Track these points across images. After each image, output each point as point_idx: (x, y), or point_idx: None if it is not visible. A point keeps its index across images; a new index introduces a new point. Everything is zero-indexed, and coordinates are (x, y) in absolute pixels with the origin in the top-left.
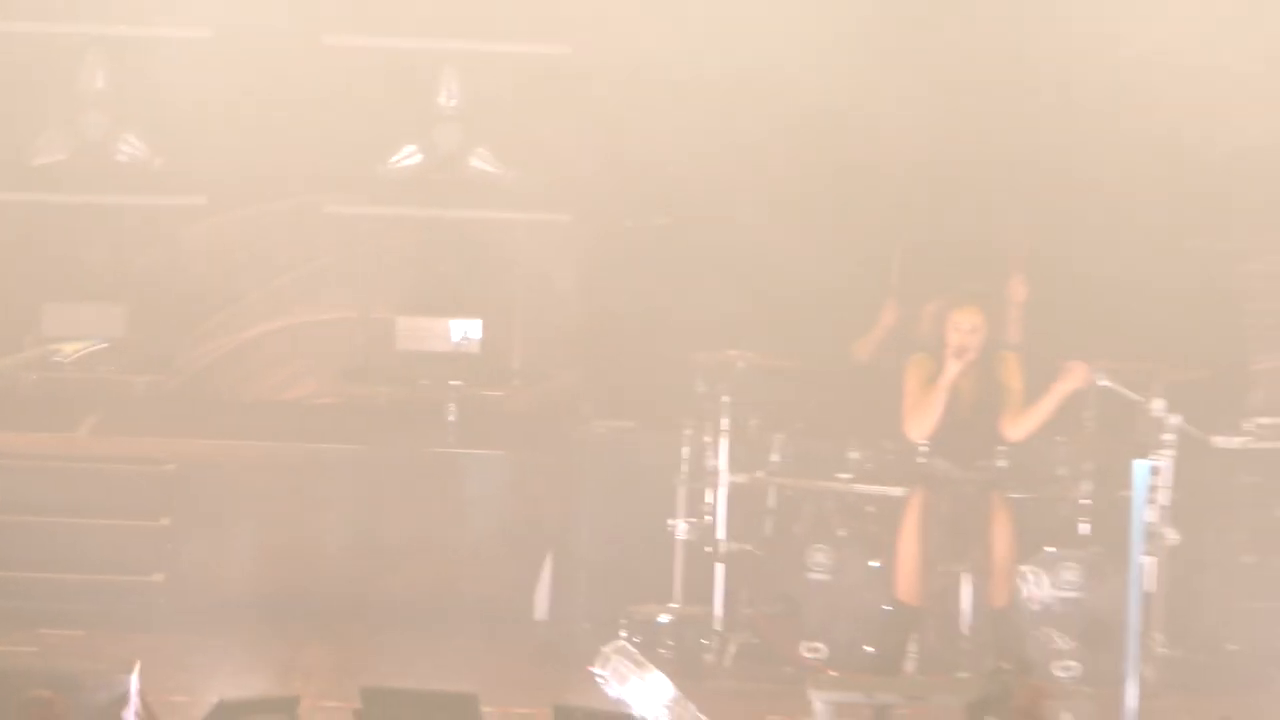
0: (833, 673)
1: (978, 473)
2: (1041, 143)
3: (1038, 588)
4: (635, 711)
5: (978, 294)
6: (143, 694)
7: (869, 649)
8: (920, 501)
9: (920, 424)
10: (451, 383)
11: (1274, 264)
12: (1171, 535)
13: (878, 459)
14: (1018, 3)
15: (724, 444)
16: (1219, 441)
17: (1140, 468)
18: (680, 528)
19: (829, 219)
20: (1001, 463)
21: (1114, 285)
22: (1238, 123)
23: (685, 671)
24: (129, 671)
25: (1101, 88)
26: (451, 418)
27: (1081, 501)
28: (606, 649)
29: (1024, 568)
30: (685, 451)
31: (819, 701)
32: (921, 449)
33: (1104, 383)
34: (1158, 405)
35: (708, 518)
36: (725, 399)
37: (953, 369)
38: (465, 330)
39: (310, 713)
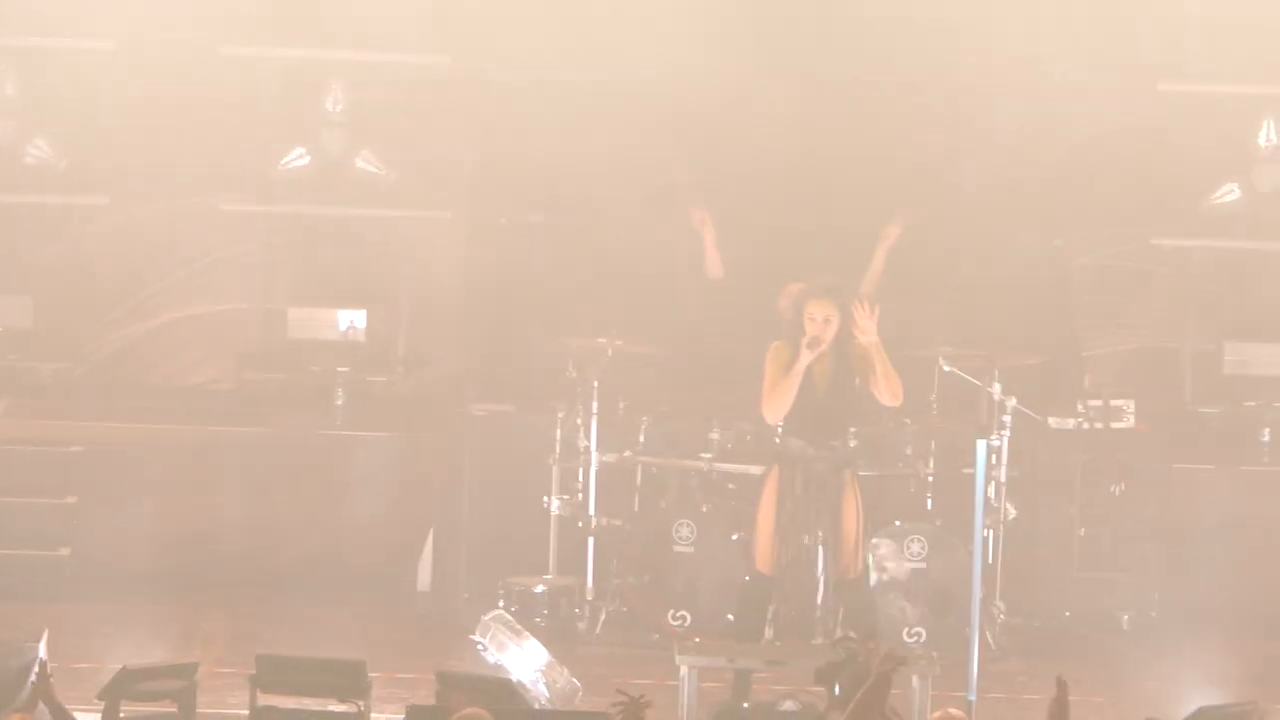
0: (696, 639)
1: (830, 452)
2: (893, 141)
3: (887, 559)
4: (513, 676)
5: (832, 287)
6: (43, 662)
7: (730, 617)
8: (777, 479)
9: (775, 408)
10: (339, 369)
11: (1102, 258)
12: (1010, 510)
13: (738, 440)
14: (873, 6)
15: (594, 425)
16: (1053, 423)
17: (981, 447)
18: (554, 504)
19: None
20: (853, 443)
21: (956, 277)
22: (1070, 123)
23: (559, 638)
24: (38, 640)
25: (947, 89)
26: (339, 402)
27: (927, 478)
28: (486, 618)
29: (874, 540)
30: (558, 433)
31: (684, 666)
32: (778, 430)
33: (947, 368)
34: (996, 389)
35: (580, 495)
36: (595, 383)
37: (804, 358)
38: (352, 320)
39: (208, 678)
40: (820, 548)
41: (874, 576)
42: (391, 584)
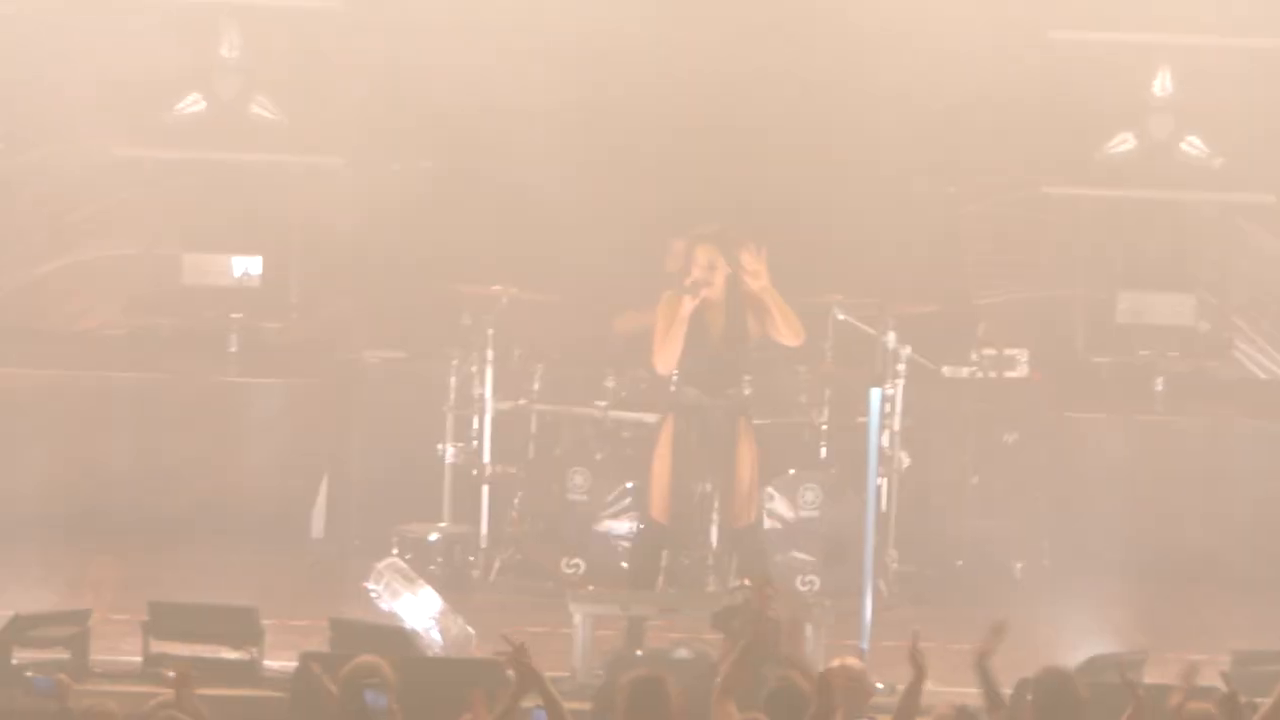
0: (590, 587)
1: (725, 400)
2: (786, 92)
3: (781, 507)
4: (406, 623)
5: (717, 233)
6: None
7: (624, 564)
8: (671, 427)
9: (664, 357)
10: (233, 315)
11: (994, 207)
12: (904, 458)
13: (632, 387)
14: None
15: (489, 373)
16: (947, 371)
17: (875, 395)
18: (448, 452)
19: (597, 165)
20: (747, 391)
21: (848, 226)
22: (962, 71)
23: (453, 586)
24: None
25: (838, 41)
26: (233, 348)
27: (821, 427)
28: (379, 565)
29: (768, 489)
30: (453, 380)
31: (578, 614)
32: (673, 378)
33: (841, 316)
34: (890, 338)
35: (474, 442)
36: (490, 330)
37: (688, 304)
38: (246, 266)
39: (100, 625)
40: (714, 496)
41: (768, 524)
42: (284, 531)
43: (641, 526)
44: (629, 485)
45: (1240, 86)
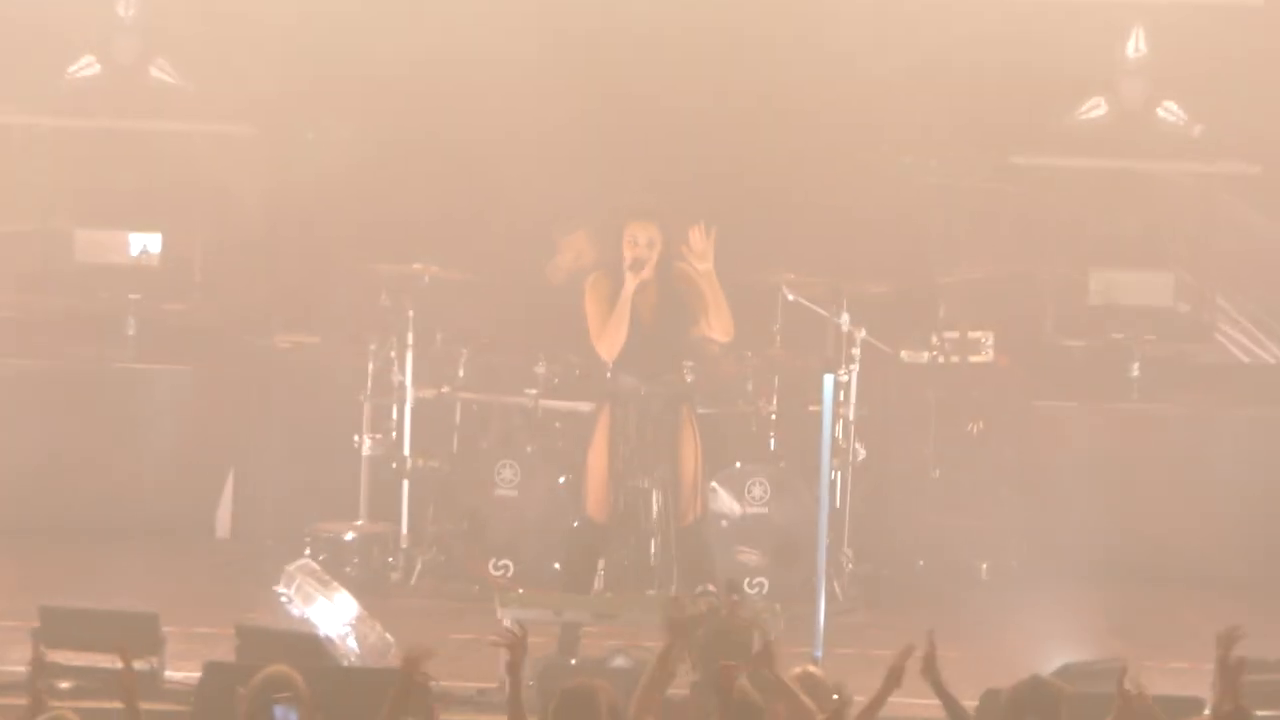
0: (520, 590)
1: (664, 387)
2: (727, 54)
3: (726, 504)
4: (320, 630)
5: (651, 208)
6: None
7: (557, 566)
8: (608, 418)
9: (608, 342)
10: (131, 296)
11: (956, 178)
12: (859, 451)
13: (565, 374)
14: None
15: (409, 358)
16: (906, 356)
17: (828, 382)
18: (365, 444)
19: (529, 137)
20: (689, 377)
21: (795, 202)
22: (920, 31)
23: (371, 590)
24: None
25: (788, 2)
26: (131, 332)
27: (770, 416)
28: (291, 567)
29: (712, 484)
30: (370, 366)
31: (506, 619)
32: (608, 365)
33: (791, 297)
34: (844, 320)
35: (393, 434)
36: (410, 313)
37: (629, 283)
38: (145, 243)
39: None
40: (655, 491)
41: (712, 522)
42: (188, 530)
43: (576, 525)
44: (561, 480)
45: (1220, 47)
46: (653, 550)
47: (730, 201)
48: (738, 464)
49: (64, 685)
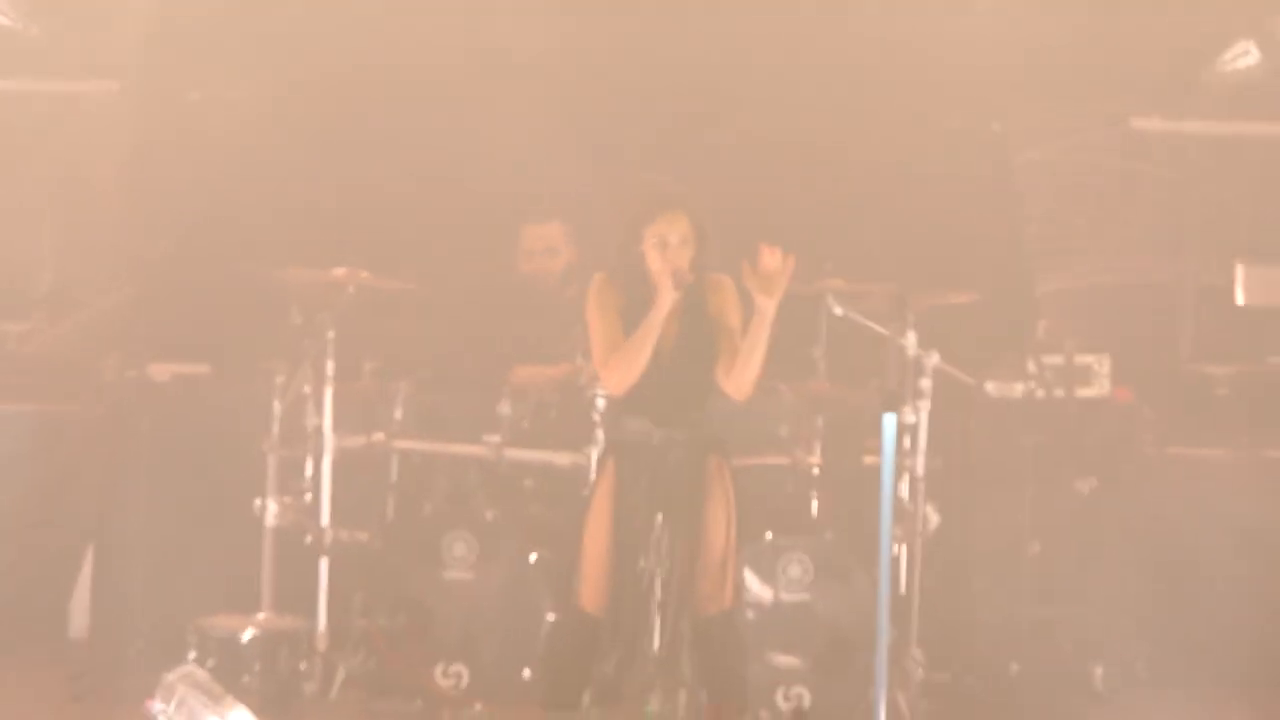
0: (479, 705)
1: (688, 433)
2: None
3: (754, 587)
4: None
5: (680, 195)
6: None
7: (528, 673)
8: (613, 474)
9: (623, 374)
10: None
11: (1061, 151)
12: (931, 516)
13: (537, 415)
14: None
15: (329, 395)
16: (993, 389)
17: (889, 424)
18: (270, 510)
19: (493, 100)
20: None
21: (845, 184)
22: None
23: (278, 705)
24: None
25: None
26: None
27: (812, 471)
28: (170, 677)
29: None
30: (276, 406)
31: None
32: (597, 402)
33: (839, 311)
34: (910, 341)
35: (307, 496)
36: (330, 334)
37: (665, 298)
38: None
39: None
40: (671, 571)
41: (741, 612)
42: (31, 629)
43: (559, 620)
44: (533, 557)
45: None
46: (654, 648)
47: (757, 183)
48: (769, 535)
49: None
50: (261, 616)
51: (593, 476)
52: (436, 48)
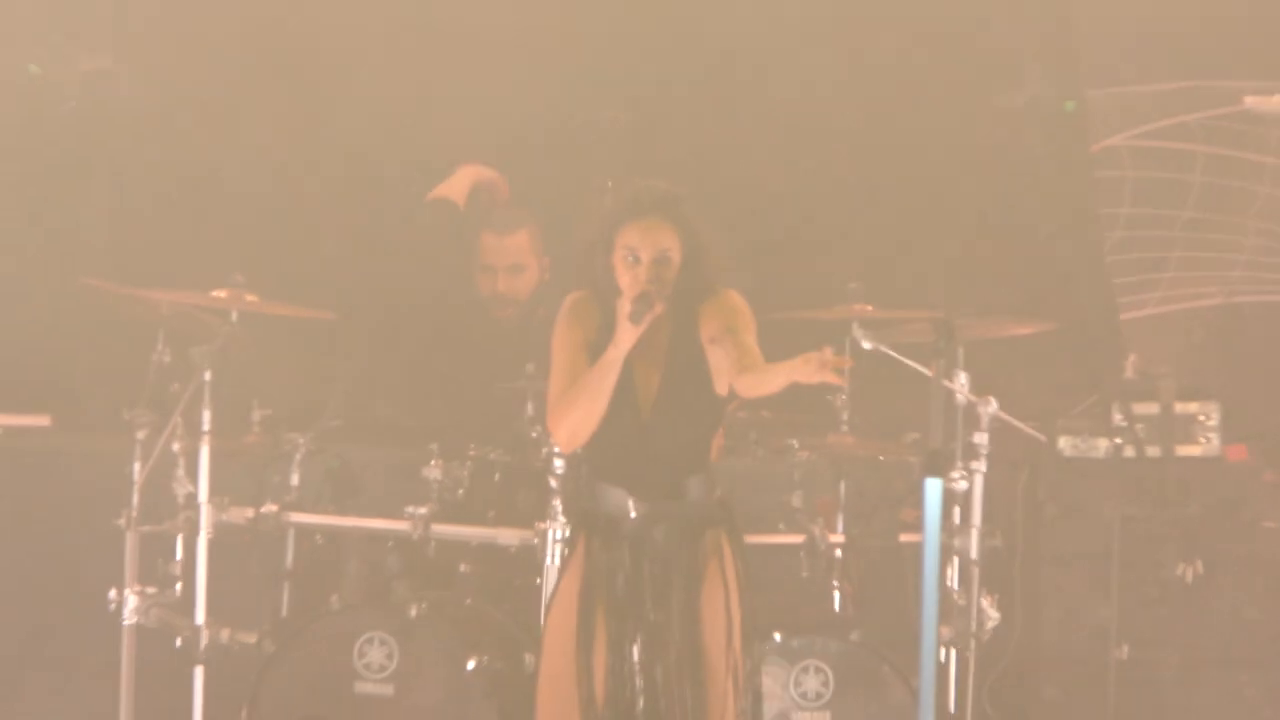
0: None
1: (680, 506)
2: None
3: (763, 701)
4: None
5: (664, 196)
6: None
7: None
8: (582, 558)
9: (573, 425)
10: None
11: (1151, 137)
12: (989, 612)
13: (476, 479)
14: None
15: (204, 456)
16: (1067, 446)
17: (932, 491)
18: (130, 604)
19: (435, 71)
20: (711, 489)
21: (873, 181)
22: None
23: None
24: None
25: None
26: None
27: (833, 553)
28: None
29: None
30: (137, 469)
31: None
32: (555, 464)
33: (868, 345)
34: (960, 383)
35: (177, 587)
36: (207, 375)
37: (625, 333)
38: None
39: None
40: (661, 680)
41: None
42: None
43: None
44: (471, 664)
45: None
46: None
47: (763, 180)
48: (777, 636)
49: None
50: None
51: (549, 561)
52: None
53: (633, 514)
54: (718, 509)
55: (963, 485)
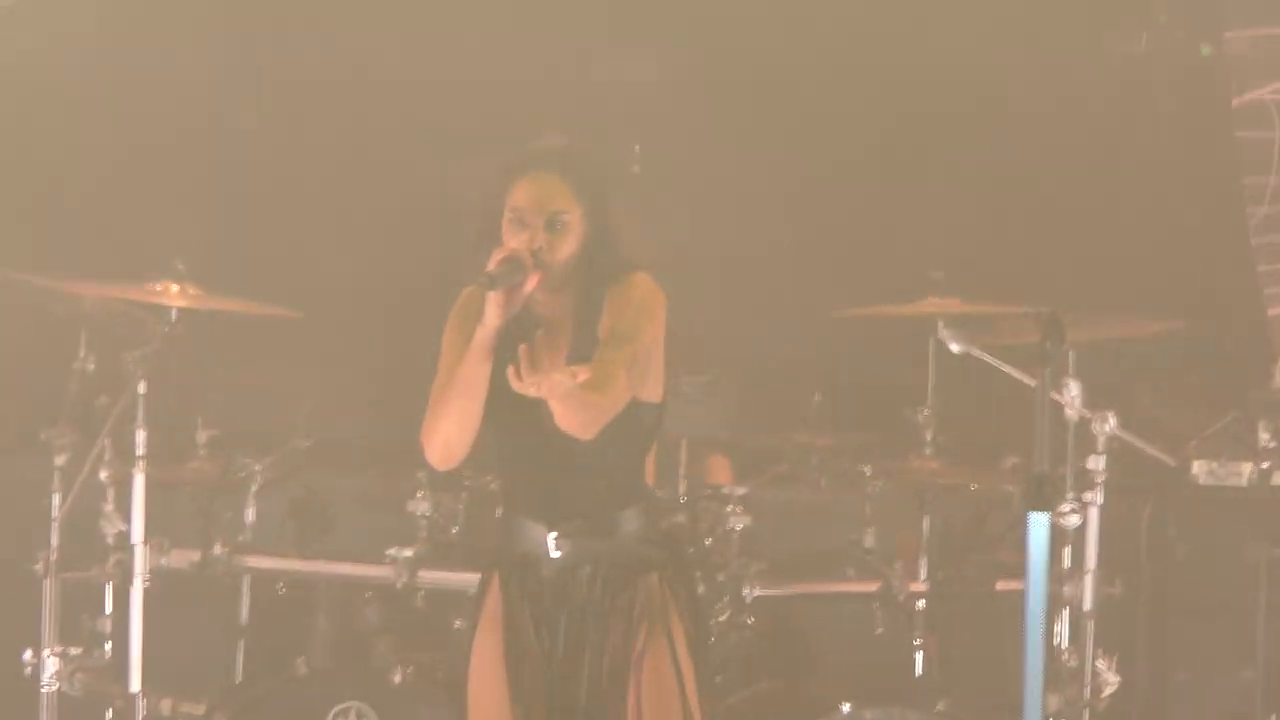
0: None
1: (608, 545)
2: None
3: None
4: None
5: (559, 153)
6: None
7: None
8: (499, 608)
9: (444, 431)
10: None
11: None
12: (1107, 676)
13: (478, 509)
14: None
15: (139, 485)
16: (1203, 472)
17: (1037, 529)
18: (49, 668)
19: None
20: (679, 516)
21: (964, 149)
22: None
23: None
24: None
25: None
26: None
27: (914, 605)
28: None
29: None
30: (56, 500)
31: None
32: (463, 490)
33: (956, 347)
34: (1070, 395)
35: (106, 646)
36: (141, 387)
37: (490, 316)
38: None
39: None
40: None
41: None
42: None
43: None
44: None
45: None
46: None
47: (829, 153)
48: (845, 708)
49: None
50: None
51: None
52: None
53: (554, 554)
54: (656, 548)
55: (1074, 520)
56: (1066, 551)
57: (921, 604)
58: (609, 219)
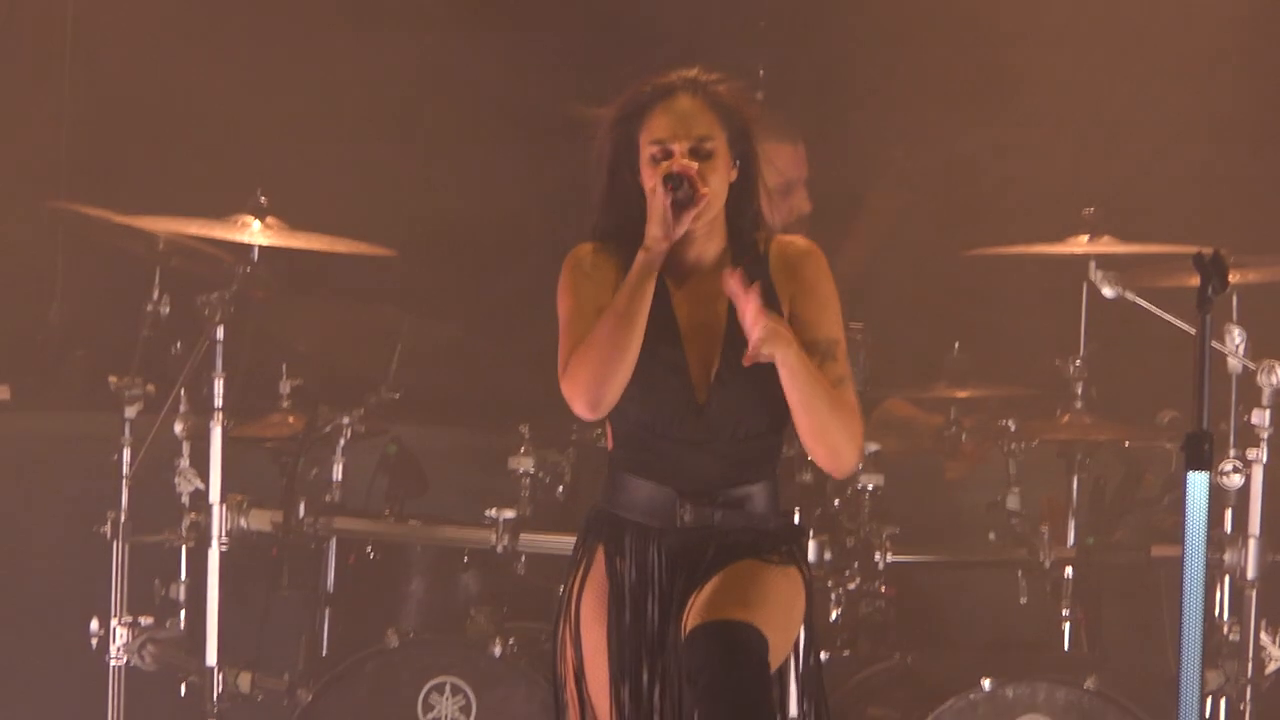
0: None
1: (729, 513)
2: None
3: None
4: None
5: (692, 80)
6: None
7: None
8: (603, 579)
9: (583, 382)
10: None
11: None
12: (1271, 650)
13: (585, 468)
14: None
15: (217, 439)
16: None
17: (1198, 490)
18: (117, 639)
19: None
20: (806, 475)
21: (1112, 74)
22: None
23: None
24: None
25: None
26: None
27: (1062, 575)
28: None
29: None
30: (126, 458)
31: None
32: (571, 447)
33: (1110, 291)
34: (1234, 342)
35: (181, 616)
36: (220, 330)
37: (655, 238)
38: None
39: None
40: None
41: None
42: None
43: None
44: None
45: None
46: None
47: (954, 69)
48: (986, 684)
49: None
50: None
51: (576, 588)
52: None
53: (684, 518)
54: (791, 536)
55: (1237, 480)
56: (1228, 514)
57: (1069, 572)
58: (753, 154)
